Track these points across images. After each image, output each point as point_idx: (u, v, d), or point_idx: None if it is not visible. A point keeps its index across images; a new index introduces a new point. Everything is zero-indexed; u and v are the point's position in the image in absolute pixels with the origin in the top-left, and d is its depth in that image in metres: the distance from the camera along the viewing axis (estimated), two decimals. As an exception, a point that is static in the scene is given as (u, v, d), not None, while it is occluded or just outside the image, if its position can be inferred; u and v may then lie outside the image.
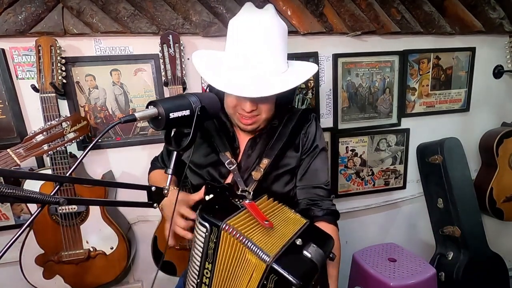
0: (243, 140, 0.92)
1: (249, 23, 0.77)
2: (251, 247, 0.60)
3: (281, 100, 0.87)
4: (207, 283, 0.66)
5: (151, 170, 1.08)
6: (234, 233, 0.62)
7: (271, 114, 0.86)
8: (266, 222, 0.64)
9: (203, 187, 0.83)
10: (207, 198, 0.80)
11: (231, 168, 0.86)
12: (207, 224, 0.64)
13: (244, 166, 0.89)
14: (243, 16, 0.80)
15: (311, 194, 0.90)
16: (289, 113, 0.94)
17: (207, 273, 0.66)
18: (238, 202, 0.72)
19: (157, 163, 1.08)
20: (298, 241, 0.65)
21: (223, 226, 0.63)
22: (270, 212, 0.73)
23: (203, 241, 0.65)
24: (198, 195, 0.82)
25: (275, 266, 0.57)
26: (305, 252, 0.62)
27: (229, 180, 0.88)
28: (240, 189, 0.85)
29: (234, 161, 0.87)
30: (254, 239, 0.62)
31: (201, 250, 0.66)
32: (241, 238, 0.61)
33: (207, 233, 0.64)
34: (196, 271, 0.68)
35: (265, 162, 0.86)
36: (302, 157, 0.91)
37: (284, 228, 0.69)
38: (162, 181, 0.91)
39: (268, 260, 0.58)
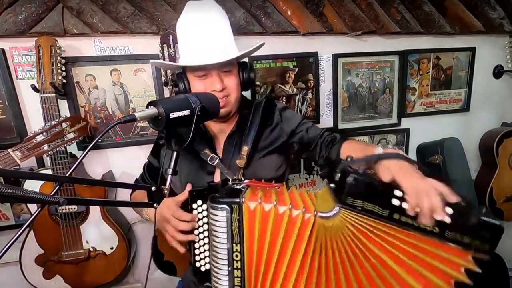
0: (221, 139, 0.93)
1: (196, 24, 0.83)
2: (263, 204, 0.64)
3: (249, 86, 0.92)
4: (239, 267, 0.66)
5: (132, 192, 1.06)
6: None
7: (239, 95, 0.89)
8: (277, 188, 0.67)
9: (187, 187, 0.82)
10: (194, 206, 0.78)
11: (214, 163, 0.87)
12: (225, 206, 0.64)
13: (227, 161, 0.90)
14: (188, 17, 0.85)
15: (323, 142, 0.92)
16: (255, 102, 0.99)
17: (237, 256, 0.65)
18: (239, 186, 0.74)
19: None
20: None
21: (243, 200, 0.64)
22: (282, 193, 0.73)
23: (225, 225, 0.65)
24: (183, 195, 0.81)
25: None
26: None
27: (217, 175, 0.89)
28: (231, 180, 0.84)
29: (215, 156, 0.88)
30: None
31: (224, 236, 0.65)
32: (244, 200, 0.64)
33: (228, 214, 0.64)
34: (223, 261, 0.66)
35: (245, 149, 0.89)
36: (294, 139, 0.94)
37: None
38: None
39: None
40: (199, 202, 0.77)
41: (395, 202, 0.57)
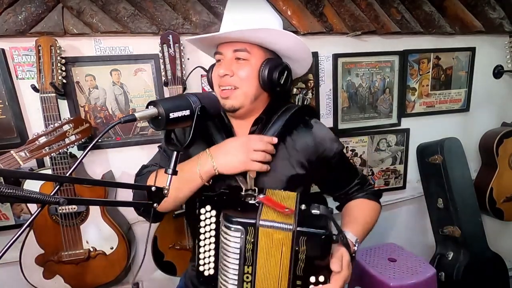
0: (243, 133, 0.85)
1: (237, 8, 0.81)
2: (274, 225, 0.63)
3: (269, 86, 0.80)
4: None
5: (146, 175, 0.88)
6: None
7: (252, 92, 0.80)
8: (286, 210, 0.66)
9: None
10: (202, 211, 0.74)
11: None
12: (240, 227, 0.63)
13: None
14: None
15: (349, 194, 0.92)
16: (285, 107, 0.89)
17: (247, 277, 0.64)
18: (253, 200, 0.71)
19: (151, 167, 0.96)
20: (303, 206, 0.70)
21: (260, 223, 0.63)
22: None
23: (238, 246, 0.63)
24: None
25: (301, 229, 0.62)
26: (313, 211, 0.67)
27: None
28: (244, 190, 0.79)
29: None
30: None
31: (237, 256, 0.64)
32: (261, 223, 0.64)
33: (242, 236, 0.63)
34: (233, 280, 0.65)
35: None
36: (326, 168, 0.89)
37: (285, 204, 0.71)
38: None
39: (292, 227, 0.62)
40: (208, 207, 0.74)
41: (312, 279, 0.66)
